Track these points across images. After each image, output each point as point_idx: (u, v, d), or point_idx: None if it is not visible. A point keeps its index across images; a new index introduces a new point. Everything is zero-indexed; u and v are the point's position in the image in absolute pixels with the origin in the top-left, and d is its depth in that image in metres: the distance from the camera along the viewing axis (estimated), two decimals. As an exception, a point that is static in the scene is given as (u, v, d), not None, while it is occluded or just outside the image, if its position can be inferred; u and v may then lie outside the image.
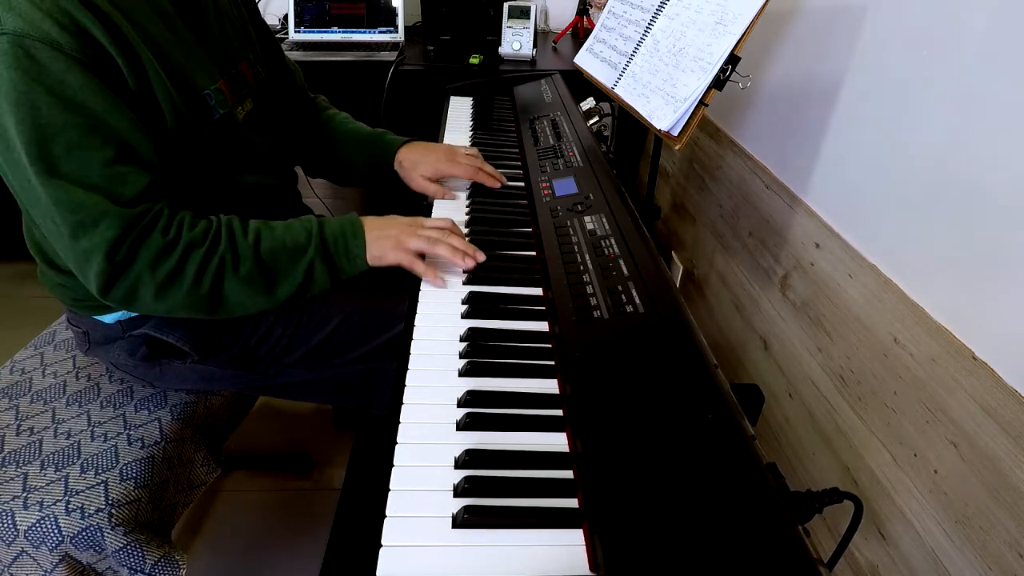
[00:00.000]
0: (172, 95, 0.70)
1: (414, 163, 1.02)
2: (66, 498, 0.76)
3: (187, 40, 0.75)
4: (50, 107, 0.61)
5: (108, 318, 0.84)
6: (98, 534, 0.75)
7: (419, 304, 0.72)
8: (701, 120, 0.93)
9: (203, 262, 0.70)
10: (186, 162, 0.75)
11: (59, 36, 0.60)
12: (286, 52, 1.64)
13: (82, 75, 0.62)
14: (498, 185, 1.01)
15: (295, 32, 1.76)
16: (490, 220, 0.92)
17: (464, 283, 0.77)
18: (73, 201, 0.64)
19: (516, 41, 1.70)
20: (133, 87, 0.67)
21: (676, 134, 0.94)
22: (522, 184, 1.02)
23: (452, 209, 0.95)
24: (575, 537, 0.46)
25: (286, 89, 1.05)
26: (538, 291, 0.76)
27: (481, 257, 0.79)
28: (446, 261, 0.78)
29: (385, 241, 0.78)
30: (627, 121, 1.33)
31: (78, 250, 0.66)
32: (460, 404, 0.58)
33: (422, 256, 0.78)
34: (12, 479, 0.78)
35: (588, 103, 1.25)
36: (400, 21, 1.78)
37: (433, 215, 0.94)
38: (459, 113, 1.38)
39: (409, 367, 0.62)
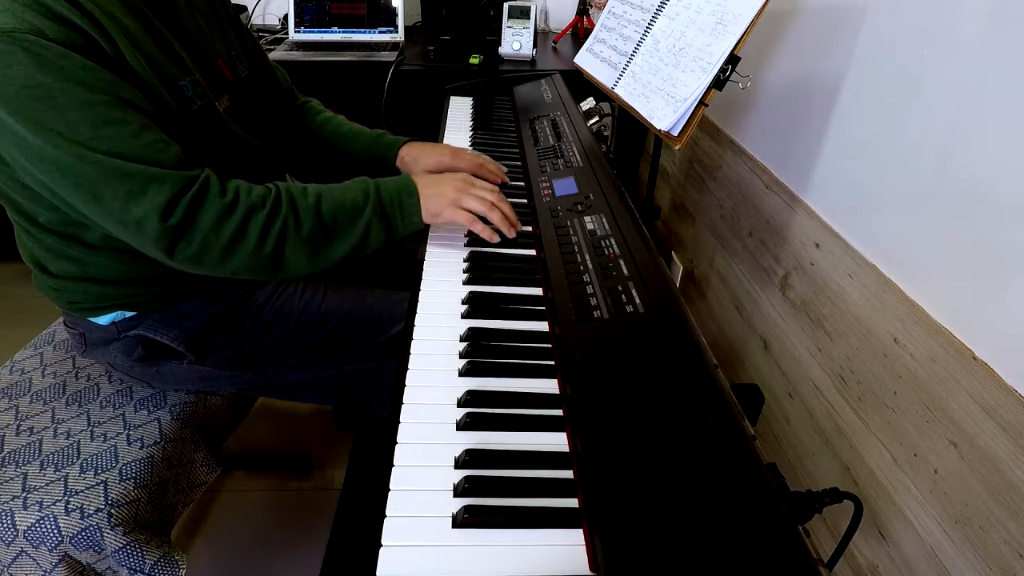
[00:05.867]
0: (154, 82, 0.70)
1: (415, 158, 1.03)
2: (65, 498, 0.76)
3: (159, 32, 0.74)
4: (64, 93, 0.61)
5: (103, 320, 0.83)
6: (97, 534, 0.75)
7: (419, 304, 0.72)
8: (701, 120, 0.93)
9: (266, 224, 0.71)
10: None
11: (44, 25, 0.60)
12: (286, 52, 1.67)
13: (79, 58, 0.62)
14: (498, 182, 1.00)
15: (295, 32, 1.76)
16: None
17: (464, 283, 0.77)
18: (118, 174, 0.64)
19: (516, 41, 1.70)
20: (121, 71, 0.67)
21: (676, 134, 0.94)
22: (522, 184, 1.02)
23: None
24: (575, 537, 0.46)
25: (269, 89, 1.04)
26: (538, 291, 0.76)
27: (520, 227, 0.87)
28: (495, 225, 0.84)
29: (440, 199, 0.80)
30: (627, 121, 1.33)
31: (131, 221, 0.65)
32: (460, 404, 0.58)
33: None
34: (12, 479, 0.78)
35: (588, 103, 1.25)
36: (400, 21, 1.78)
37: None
38: (459, 113, 1.38)
39: (409, 367, 0.62)
